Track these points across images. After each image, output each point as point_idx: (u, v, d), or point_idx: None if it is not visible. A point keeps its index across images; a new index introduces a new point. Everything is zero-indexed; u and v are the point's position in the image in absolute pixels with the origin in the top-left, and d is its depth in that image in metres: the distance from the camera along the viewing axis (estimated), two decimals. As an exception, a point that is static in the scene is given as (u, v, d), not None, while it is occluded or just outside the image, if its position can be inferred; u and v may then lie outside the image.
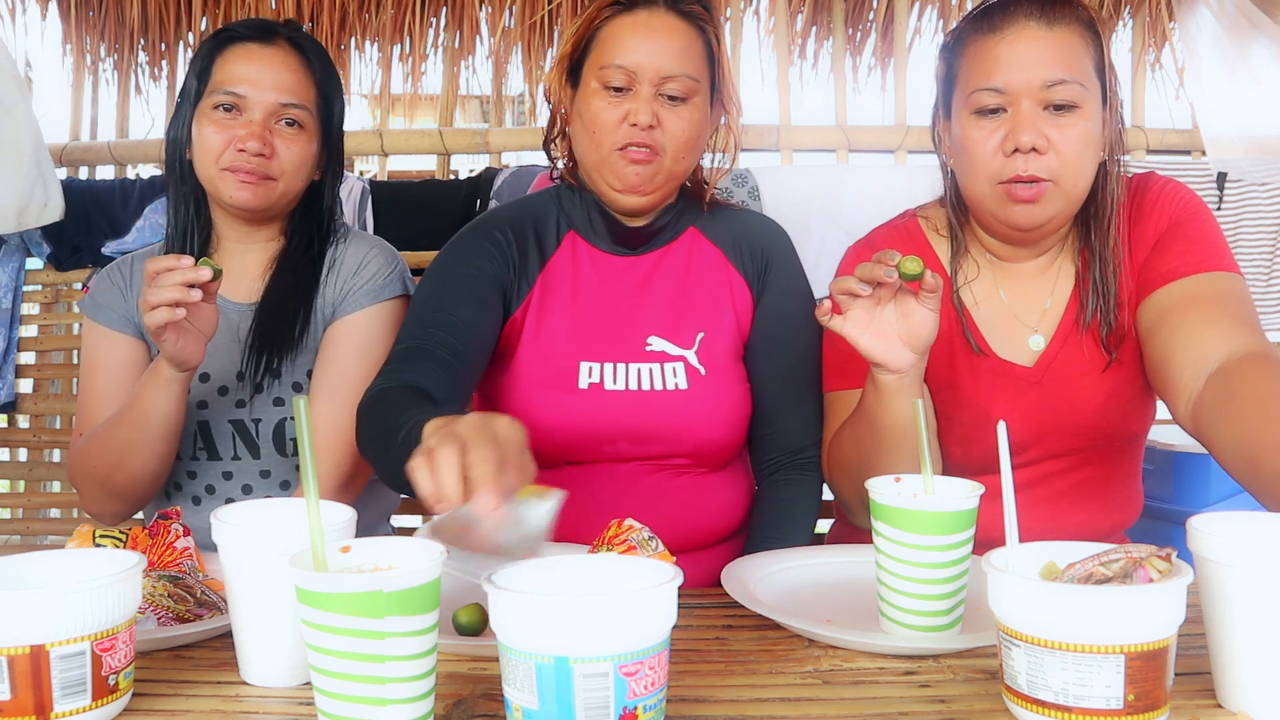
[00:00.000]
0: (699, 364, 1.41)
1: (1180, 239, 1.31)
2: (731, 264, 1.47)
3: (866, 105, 2.86)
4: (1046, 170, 1.25)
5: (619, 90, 1.34)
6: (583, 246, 1.45)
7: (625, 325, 1.42)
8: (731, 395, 1.42)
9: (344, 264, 1.50)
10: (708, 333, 1.43)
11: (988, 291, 1.38)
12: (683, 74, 1.34)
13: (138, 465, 1.39)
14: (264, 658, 0.89)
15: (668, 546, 1.37)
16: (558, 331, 1.41)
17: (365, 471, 1.49)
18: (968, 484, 1.01)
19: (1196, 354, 1.19)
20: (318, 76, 1.49)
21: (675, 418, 1.38)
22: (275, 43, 1.46)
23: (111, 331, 1.50)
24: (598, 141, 1.35)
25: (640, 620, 0.71)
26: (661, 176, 1.37)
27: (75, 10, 2.79)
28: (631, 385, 1.38)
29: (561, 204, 1.47)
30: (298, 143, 1.46)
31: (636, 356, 1.40)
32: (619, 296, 1.43)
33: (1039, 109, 1.25)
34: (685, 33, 1.35)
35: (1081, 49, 1.26)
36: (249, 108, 1.43)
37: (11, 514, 2.56)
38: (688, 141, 1.36)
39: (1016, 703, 0.80)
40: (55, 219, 2.36)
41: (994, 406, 1.33)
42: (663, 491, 1.40)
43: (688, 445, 1.39)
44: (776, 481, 1.45)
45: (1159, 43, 2.80)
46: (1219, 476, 1.95)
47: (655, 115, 1.33)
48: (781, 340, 1.45)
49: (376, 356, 1.46)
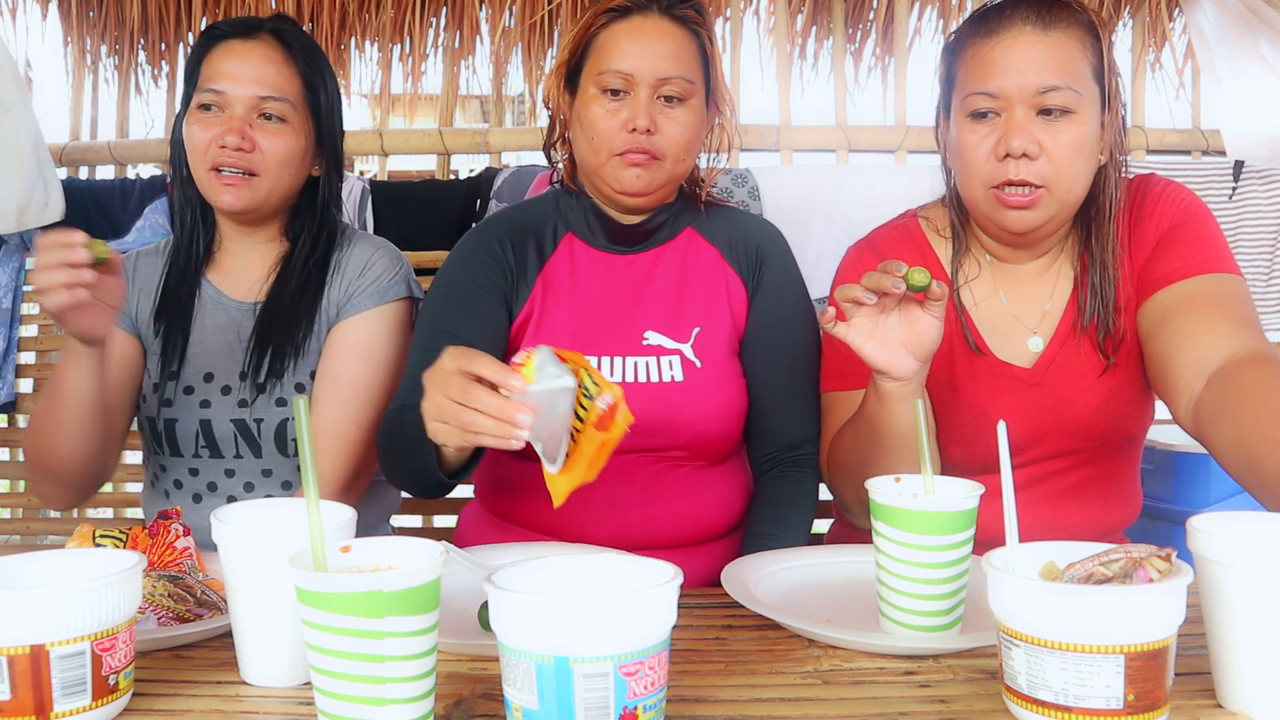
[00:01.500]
0: (695, 357, 1.42)
1: (1181, 240, 1.31)
2: (727, 262, 1.48)
3: (866, 105, 2.87)
4: (1038, 176, 1.25)
5: (616, 94, 1.36)
6: (580, 247, 1.47)
7: (623, 321, 1.43)
8: (727, 388, 1.43)
9: (349, 266, 1.50)
10: (704, 328, 1.44)
11: (987, 292, 1.38)
12: (678, 76, 1.36)
13: (62, 446, 1.36)
14: (264, 658, 0.89)
15: (665, 542, 1.38)
16: (556, 329, 1.42)
17: (368, 473, 1.49)
18: (967, 484, 1.01)
19: (1197, 355, 1.19)
20: (301, 68, 1.47)
21: (672, 408, 1.39)
22: (258, 37, 1.46)
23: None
24: (597, 147, 1.37)
25: (640, 620, 0.71)
26: (662, 178, 1.39)
27: (75, 10, 2.79)
28: (629, 378, 1.40)
29: (559, 207, 1.49)
30: (280, 136, 1.45)
31: (634, 350, 1.42)
32: (617, 293, 1.45)
33: (1032, 114, 1.25)
34: (679, 36, 1.37)
35: (1078, 53, 1.26)
36: (229, 104, 1.43)
37: (11, 514, 2.55)
38: (686, 144, 1.39)
39: (1016, 703, 0.80)
40: (56, 219, 2.37)
41: (993, 407, 1.33)
42: (661, 484, 1.41)
43: (685, 436, 1.40)
44: (773, 478, 1.46)
45: (1159, 43, 2.80)
46: (1219, 476, 1.96)
47: (653, 119, 1.35)
48: (777, 337, 1.47)
49: (381, 358, 1.46)
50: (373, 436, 1.43)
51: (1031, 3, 1.27)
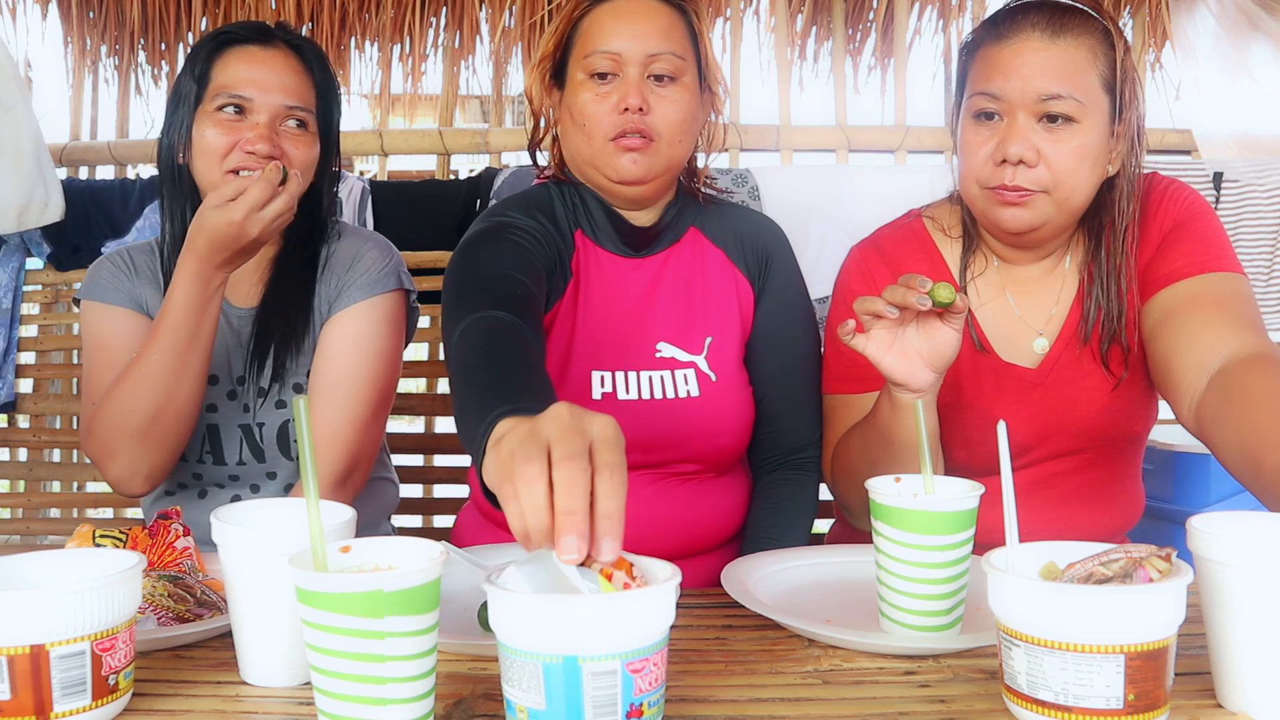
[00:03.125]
0: (709, 370, 1.41)
1: (1184, 239, 1.31)
2: (734, 263, 1.47)
3: (866, 105, 2.87)
4: (1035, 183, 1.25)
5: (605, 77, 1.33)
6: (590, 247, 1.42)
7: (635, 332, 1.40)
8: (740, 400, 1.42)
9: (338, 260, 1.49)
10: (715, 337, 1.42)
11: (994, 293, 1.38)
12: (668, 52, 1.33)
13: (184, 395, 1.34)
14: (264, 658, 0.89)
15: (670, 552, 1.36)
16: (571, 340, 1.39)
17: (362, 471, 1.48)
18: (967, 484, 1.01)
19: (1199, 354, 1.19)
20: (317, 80, 1.48)
21: (688, 426, 1.37)
22: (274, 45, 1.46)
23: (116, 308, 1.47)
24: (590, 134, 1.34)
25: (646, 617, 0.71)
26: (660, 164, 1.35)
27: (75, 10, 2.79)
28: (644, 394, 1.37)
29: (565, 198, 1.43)
30: (304, 144, 1.45)
31: (647, 364, 1.39)
32: (627, 302, 1.42)
33: (1033, 120, 1.25)
34: (667, 13, 1.35)
35: (1086, 63, 1.25)
36: (255, 110, 1.42)
37: (11, 514, 2.56)
38: (681, 123, 1.35)
39: (1016, 703, 0.80)
40: (56, 219, 2.36)
41: (998, 409, 1.33)
42: (668, 496, 1.39)
43: (698, 451, 1.39)
44: (774, 481, 1.45)
45: (1159, 43, 2.80)
46: (1219, 476, 1.96)
47: (644, 98, 1.32)
48: (781, 338, 1.46)
49: (373, 352, 1.45)
50: (366, 432, 1.42)
51: (1045, 9, 1.27)
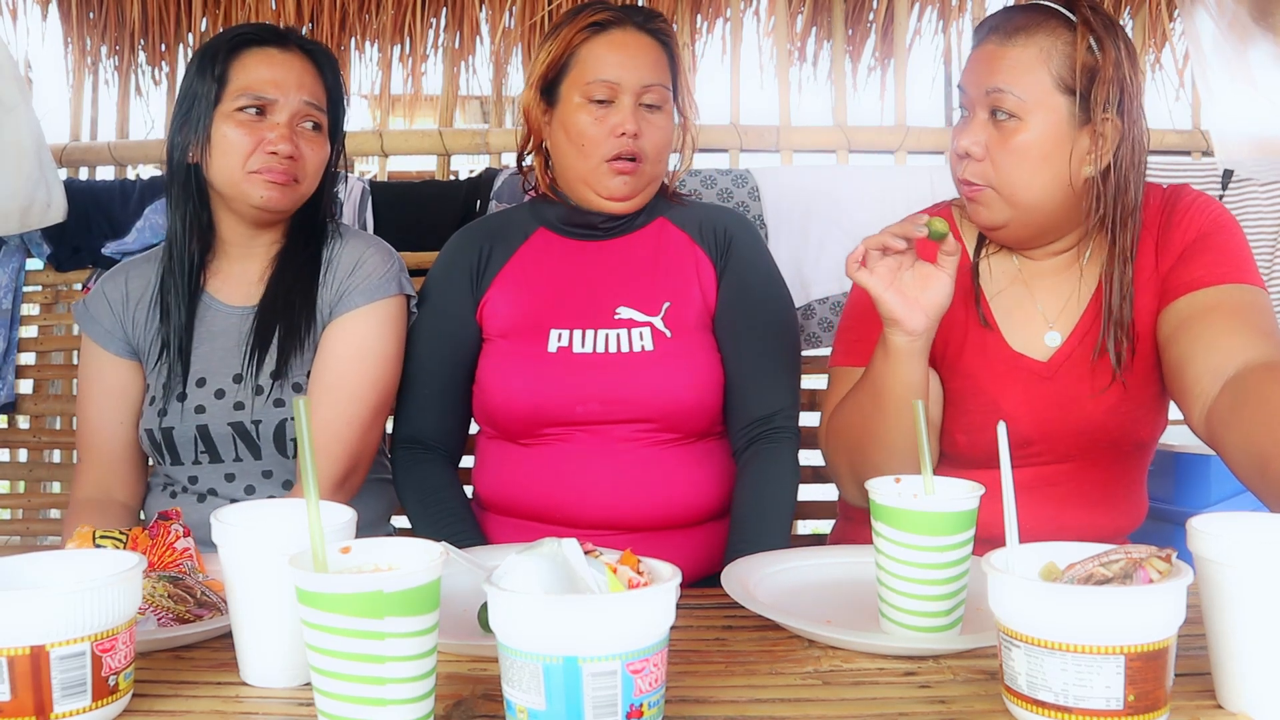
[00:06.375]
0: (665, 328, 1.49)
1: (1207, 250, 1.32)
2: (697, 244, 1.56)
3: (866, 106, 2.87)
4: (980, 177, 1.31)
5: (602, 103, 1.46)
6: (553, 238, 1.57)
7: (595, 297, 1.51)
8: (697, 357, 1.49)
9: (340, 263, 1.51)
10: (674, 303, 1.51)
11: (1012, 281, 1.40)
12: (658, 83, 1.48)
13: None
14: (264, 658, 0.89)
15: (641, 522, 1.45)
16: (528, 304, 1.51)
17: (361, 471, 1.49)
18: (967, 484, 1.01)
19: (1214, 361, 1.19)
20: (329, 82, 1.52)
21: (643, 376, 1.46)
22: (291, 48, 1.49)
23: (103, 351, 1.53)
24: (587, 154, 1.47)
25: (646, 618, 0.71)
26: (644, 181, 1.50)
27: (75, 10, 2.79)
28: (599, 349, 1.47)
29: (535, 210, 1.59)
30: (318, 145, 1.49)
31: (605, 324, 1.49)
32: (589, 274, 1.53)
33: (986, 116, 1.31)
34: (655, 48, 1.50)
35: (1035, 61, 1.28)
36: (275, 110, 1.44)
37: (11, 514, 2.55)
38: (664, 145, 1.52)
39: (1016, 703, 0.80)
40: (58, 220, 2.36)
41: (1004, 398, 1.34)
42: (643, 464, 1.45)
43: (658, 405, 1.46)
44: (751, 455, 1.50)
45: (1159, 43, 2.80)
46: (1220, 477, 1.96)
47: (638, 125, 1.46)
48: (745, 312, 1.53)
49: (373, 356, 1.47)
50: (365, 434, 1.46)
51: (1016, 14, 1.32)
